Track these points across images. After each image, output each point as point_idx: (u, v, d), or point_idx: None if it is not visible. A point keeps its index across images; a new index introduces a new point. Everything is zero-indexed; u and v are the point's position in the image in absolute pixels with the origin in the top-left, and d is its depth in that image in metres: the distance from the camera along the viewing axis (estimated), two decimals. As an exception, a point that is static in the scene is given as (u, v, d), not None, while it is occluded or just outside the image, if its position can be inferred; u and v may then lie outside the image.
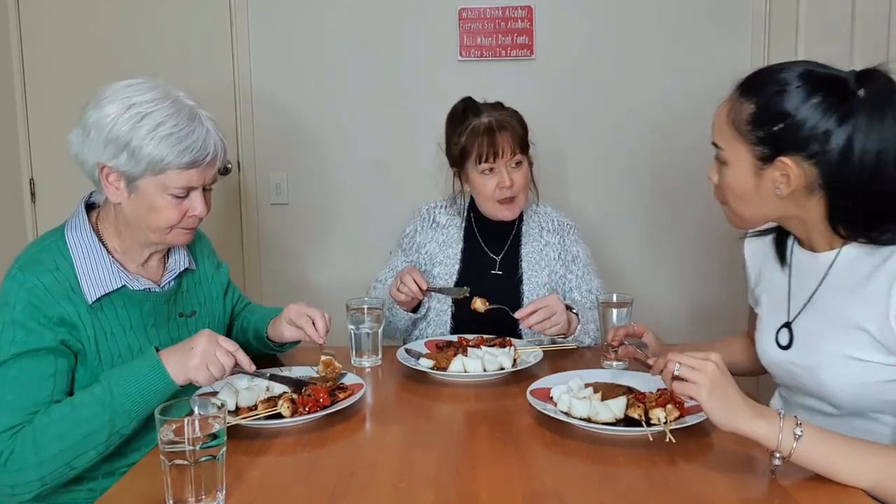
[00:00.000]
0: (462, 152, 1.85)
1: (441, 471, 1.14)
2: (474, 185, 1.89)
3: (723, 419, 1.07)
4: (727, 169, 1.24)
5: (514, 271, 1.92)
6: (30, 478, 1.20)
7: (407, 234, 2.02)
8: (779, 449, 1.05)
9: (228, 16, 2.84)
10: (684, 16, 2.78)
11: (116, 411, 1.22)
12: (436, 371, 1.57)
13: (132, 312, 1.39)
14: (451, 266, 1.94)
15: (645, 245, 2.91)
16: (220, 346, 1.27)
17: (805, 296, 1.28)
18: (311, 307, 1.57)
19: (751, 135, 1.19)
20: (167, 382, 1.24)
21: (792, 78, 1.17)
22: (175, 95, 1.34)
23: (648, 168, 2.84)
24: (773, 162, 1.17)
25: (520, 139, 1.85)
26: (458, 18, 2.80)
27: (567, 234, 1.98)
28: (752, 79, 1.22)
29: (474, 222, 1.98)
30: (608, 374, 1.51)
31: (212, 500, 1.02)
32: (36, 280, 1.28)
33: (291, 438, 1.28)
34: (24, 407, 1.23)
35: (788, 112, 1.15)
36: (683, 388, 1.09)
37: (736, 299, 2.88)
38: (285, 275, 2.96)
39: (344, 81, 2.86)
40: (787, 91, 1.16)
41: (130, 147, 1.28)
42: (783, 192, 1.19)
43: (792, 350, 1.29)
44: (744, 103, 1.20)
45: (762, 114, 1.17)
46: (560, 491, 1.06)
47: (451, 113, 1.92)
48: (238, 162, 2.90)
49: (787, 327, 1.30)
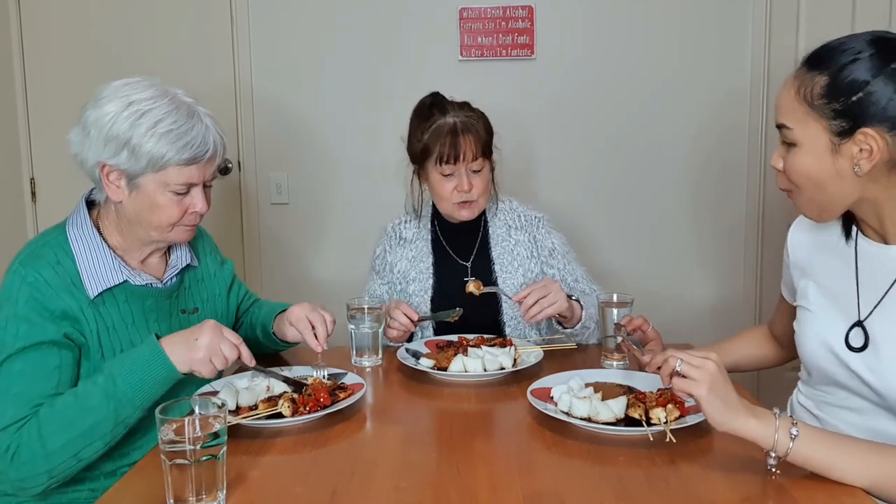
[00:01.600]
0: (423, 150, 1.81)
1: (441, 470, 1.14)
2: (433, 185, 1.85)
3: (720, 418, 1.07)
4: (798, 150, 1.15)
5: (487, 276, 1.88)
6: (38, 470, 1.20)
7: (378, 256, 1.98)
8: (775, 448, 1.05)
9: (229, 16, 2.84)
10: (685, 15, 2.78)
11: (121, 400, 1.23)
12: (436, 371, 1.57)
13: (134, 307, 1.39)
14: (424, 282, 1.89)
15: (646, 245, 2.91)
16: (225, 339, 1.28)
17: (878, 292, 1.19)
18: (314, 310, 1.56)
19: (826, 108, 1.11)
20: (170, 370, 1.25)
21: (863, 45, 1.10)
22: (173, 93, 1.34)
23: (649, 168, 2.84)
24: (853, 135, 1.10)
25: (483, 143, 1.80)
26: (458, 18, 2.79)
27: (537, 228, 1.92)
28: (820, 52, 1.14)
29: (440, 231, 1.94)
30: (608, 373, 1.51)
31: (212, 499, 1.02)
32: (37, 274, 1.28)
33: (292, 438, 1.28)
34: (30, 400, 1.23)
35: (866, 80, 1.08)
36: (683, 384, 1.09)
37: (734, 299, 2.90)
38: (286, 274, 2.96)
39: (345, 81, 2.86)
40: (861, 58, 1.09)
41: (131, 145, 1.28)
42: (864, 169, 1.11)
43: (867, 352, 1.19)
44: (815, 76, 1.12)
45: (838, 84, 1.10)
46: (560, 491, 1.06)
47: (418, 107, 1.87)
48: (239, 162, 2.90)
49: (860, 327, 1.21)
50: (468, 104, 1.86)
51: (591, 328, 1.76)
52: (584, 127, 2.84)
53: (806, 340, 1.31)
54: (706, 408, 1.07)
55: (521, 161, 2.79)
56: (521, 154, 2.80)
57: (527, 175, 2.83)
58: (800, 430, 1.05)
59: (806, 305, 1.32)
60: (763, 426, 1.05)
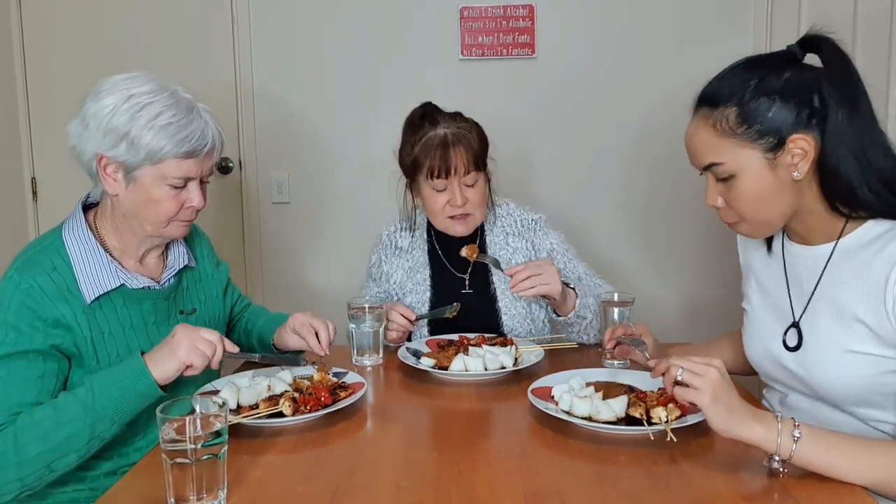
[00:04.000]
0: (414, 163, 1.76)
1: (442, 470, 1.14)
2: (425, 200, 1.80)
3: (723, 426, 1.06)
4: (738, 179, 1.20)
5: (485, 287, 1.86)
6: (9, 478, 1.19)
7: (374, 264, 1.95)
8: (778, 452, 1.05)
9: (230, 15, 2.84)
10: (686, 15, 2.78)
11: (98, 414, 1.22)
12: (437, 370, 1.57)
13: (132, 311, 1.39)
14: (422, 294, 1.86)
15: (645, 244, 2.91)
16: (197, 331, 1.28)
17: (806, 293, 1.27)
18: (315, 318, 1.57)
19: (749, 132, 1.17)
20: (150, 386, 1.24)
21: (748, 72, 1.19)
22: (173, 88, 1.35)
23: (650, 167, 2.84)
24: (785, 145, 1.16)
25: (475, 156, 1.74)
26: (459, 17, 2.79)
27: (534, 231, 1.88)
28: (712, 90, 1.22)
29: (436, 242, 1.89)
30: (609, 373, 1.51)
31: (213, 498, 1.02)
32: (32, 281, 1.28)
33: (292, 437, 1.28)
34: (8, 408, 1.22)
35: (772, 97, 1.15)
36: (685, 393, 1.09)
37: (730, 298, 2.89)
38: (286, 274, 2.96)
39: (345, 80, 2.86)
40: (752, 83, 1.17)
41: (129, 137, 1.28)
42: (803, 171, 1.16)
43: (800, 351, 1.27)
44: (724, 110, 1.19)
45: (749, 110, 1.17)
46: (561, 490, 1.06)
47: (409, 119, 1.82)
48: (239, 161, 2.90)
49: (795, 327, 1.28)
50: (461, 114, 1.81)
51: (589, 318, 1.74)
52: (584, 126, 2.84)
53: (749, 343, 1.39)
54: (710, 416, 1.07)
55: (521, 160, 2.79)
56: (522, 153, 2.80)
57: (527, 174, 2.83)
58: (802, 431, 1.05)
59: (749, 309, 1.40)
60: (766, 431, 1.05)
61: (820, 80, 1.16)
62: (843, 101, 1.14)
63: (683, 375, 1.09)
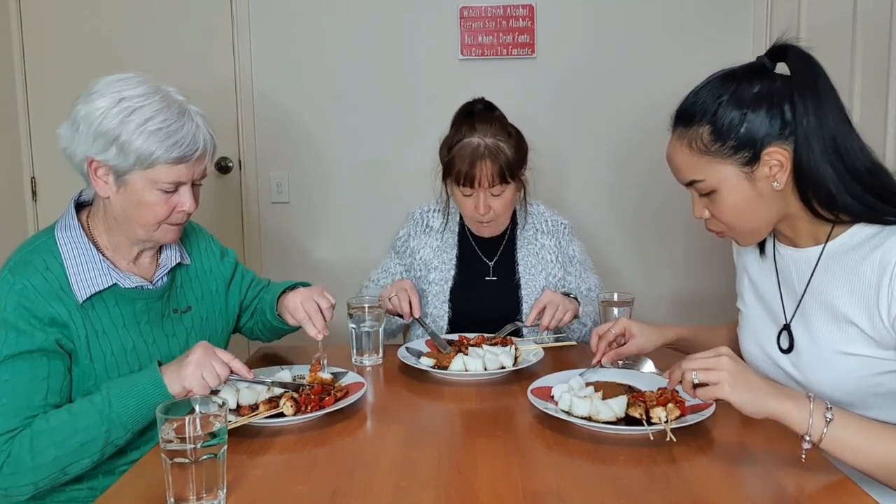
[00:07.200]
0: (448, 164, 1.80)
1: (442, 470, 1.14)
2: (455, 197, 1.86)
3: (753, 408, 1.06)
4: (720, 194, 1.22)
5: (510, 276, 1.90)
6: (24, 481, 1.20)
7: (400, 238, 1.99)
8: (809, 433, 1.04)
9: (230, 15, 2.84)
10: (686, 15, 2.78)
11: (114, 422, 1.23)
12: (437, 370, 1.57)
13: (125, 310, 1.38)
14: (446, 272, 1.91)
15: (645, 244, 2.91)
16: (216, 356, 1.28)
17: (796, 295, 1.28)
18: (310, 299, 1.54)
19: (724, 149, 1.18)
20: (165, 397, 1.24)
21: (719, 87, 1.19)
22: (165, 91, 1.33)
23: (649, 167, 2.84)
24: (760, 158, 1.17)
25: (504, 168, 1.75)
26: (459, 17, 2.80)
27: (562, 234, 1.96)
28: (686, 108, 1.23)
29: (467, 227, 1.94)
30: (609, 372, 1.50)
31: (213, 498, 1.02)
32: (25, 281, 1.27)
33: (292, 437, 1.28)
34: (19, 410, 1.22)
35: (743, 112, 1.16)
36: (707, 392, 1.08)
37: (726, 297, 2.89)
38: (286, 273, 2.95)
39: (345, 80, 2.86)
40: (724, 99, 1.17)
41: (119, 141, 1.27)
42: (782, 182, 1.18)
43: (794, 353, 1.27)
44: (697, 128, 1.20)
45: (721, 128, 1.17)
46: (561, 490, 1.06)
47: (458, 113, 1.85)
48: (239, 160, 2.90)
49: (787, 330, 1.29)
50: (503, 121, 1.82)
51: (589, 326, 1.82)
52: (584, 125, 2.84)
53: (744, 343, 1.39)
54: (736, 403, 1.06)
55: (521, 160, 2.78)
56: (522, 153, 2.79)
57: (526, 173, 2.83)
58: (834, 414, 1.04)
59: (743, 309, 1.40)
60: (797, 408, 1.04)
61: (791, 89, 1.16)
62: (810, 107, 1.14)
63: (699, 376, 1.09)
